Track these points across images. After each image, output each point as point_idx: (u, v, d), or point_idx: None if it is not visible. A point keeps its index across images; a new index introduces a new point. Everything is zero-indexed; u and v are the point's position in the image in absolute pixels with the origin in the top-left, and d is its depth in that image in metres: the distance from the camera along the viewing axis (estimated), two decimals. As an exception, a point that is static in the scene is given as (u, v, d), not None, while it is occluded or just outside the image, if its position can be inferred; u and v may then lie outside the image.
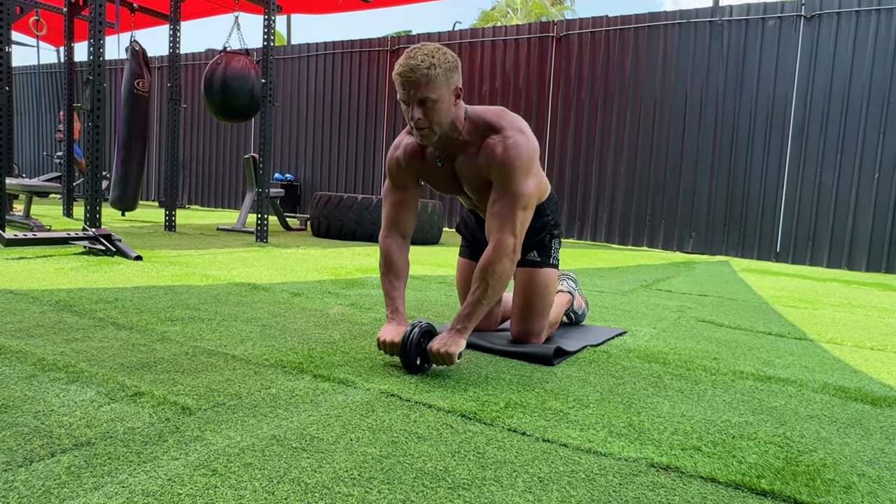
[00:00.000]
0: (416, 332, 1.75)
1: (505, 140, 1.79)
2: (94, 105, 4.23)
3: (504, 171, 1.79)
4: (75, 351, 1.80)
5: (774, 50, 6.64)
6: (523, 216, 1.80)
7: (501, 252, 1.77)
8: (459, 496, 1.07)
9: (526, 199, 1.80)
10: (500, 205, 1.79)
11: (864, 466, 1.29)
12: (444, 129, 1.80)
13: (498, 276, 1.77)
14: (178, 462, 1.14)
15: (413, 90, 1.71)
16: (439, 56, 1.72)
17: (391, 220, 2.00)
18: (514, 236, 1.78)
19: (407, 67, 1.69)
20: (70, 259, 3.65)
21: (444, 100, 1.74)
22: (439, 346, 1.72)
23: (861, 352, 2.41)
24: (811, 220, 6.52)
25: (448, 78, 1.74)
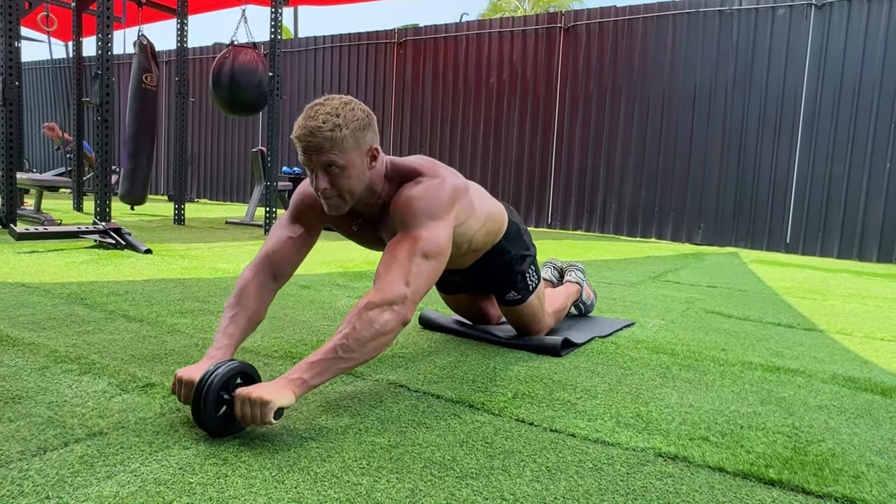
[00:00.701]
0: (223, 373, 1.22)
1: (414, 185, 1.51)
2: (102, 99, 4.25)
3: (404, 213, 1.47)
4: (87, 343, 1.82)
5: (784, 39, 6.57)
6: (424, 266, 1.41)
7: (385, 298, 1.34)
8: (467, 485, 1.08)
9: (429, 247, 1.42)
10: (396, 247, 1.43)
11: (874, 456, 1.29)
12: (358, 196, 1.49)
13: (371, 327, 1.31)
14: (189, 451, 1.15)
15: (315, 155, 1.40)
16: (346, 114, 1.40)
17: (271, 253, 1.56)
18: (407, 285, 1.36)
19: (306, 130, 1.39)
20: (81, 253, 3.68)
21: (355, 165, 1.43)
22: (251, 391, 1.20)
23: (871, 342, 2.40)
24: (821, 211, 6.47)
25: (358, 139, 1.42)
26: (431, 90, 8.87)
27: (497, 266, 1.91)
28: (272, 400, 1.18)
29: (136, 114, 5.95)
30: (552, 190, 8.03)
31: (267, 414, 1.18)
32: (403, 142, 9.20)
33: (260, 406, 1.18)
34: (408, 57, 9.10)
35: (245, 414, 1.20)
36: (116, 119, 10.96)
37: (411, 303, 1.37)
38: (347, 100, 1.44)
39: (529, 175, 8.15)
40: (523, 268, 1.94)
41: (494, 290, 1.99)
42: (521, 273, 1.93)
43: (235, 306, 1.47)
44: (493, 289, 1.99)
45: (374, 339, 1.31)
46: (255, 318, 1.50)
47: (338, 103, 1.41)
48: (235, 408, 1.21)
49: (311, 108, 1.41)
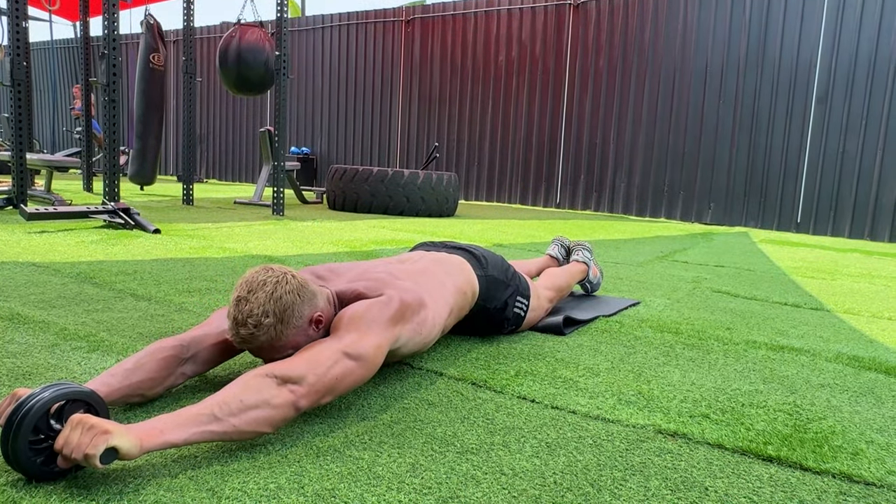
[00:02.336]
0: (51, 395, 0.95)
1: (348, 308, 1.35)
2: (109, 79, 4.25)
3: (336, 328, 1.31)
4: (96, 321, 1.85)
5: (799, 14, 6.46)
6: (342, 366, 1.19)
7: (285, 374, 1.12)
8: (467, 460, 1.09)
9: (354, 349, 1.23)
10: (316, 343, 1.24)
11: (874, 434, 1.29)
12: None
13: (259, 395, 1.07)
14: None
15: (260, 355, 1.29)
16: (275, 308, 1.24)
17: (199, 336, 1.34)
18: (315, 374, 1.14)
19: (239, 339, 1.25)
20: (90, 232, 3.72)
21: (301, 342, 1.30)
22: (88, 418, 0.93)
23: (878, 322, 2.39)
24: (833, 190, 6.40)
25: (296, 323, 1.27)
26: (440, 68, 8.81)
27: (482, 321, 1.83)
28: (112, 432, 0.91)
29: (143, 94, 5.95)
30: (561, 169, 7.99)
31: (97, 444, 0.89)
32: (412, 120, 9.17)
33: (93, 434, 0.91)
34: (416, 35, 9.03)
35: (69, 440, 0.91)
36: (124, 99, 10.97)
37: (311, 391, 1.13)
38: (273, 286, 1.25)
39: (538, 154, 8.11)
40: (507, 312, 1.85)
41: (488, 334, 1.91)
42: (506, 318, 1.85)
43: (134, 362, 1.24)
44: (485, 333, 1.91)
45: (257, 408, 1.06)
46: (146, 388, 1.24)
47: (263, 298, 1.24)
48: (60, 435, 0.93)
49: (237, 307, 1.24)
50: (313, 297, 1.33)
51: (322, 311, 1.34)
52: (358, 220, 5.48)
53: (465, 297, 1.69)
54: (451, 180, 6.44)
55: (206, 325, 1.39)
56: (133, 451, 0.93)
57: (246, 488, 0.97)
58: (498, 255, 1.94)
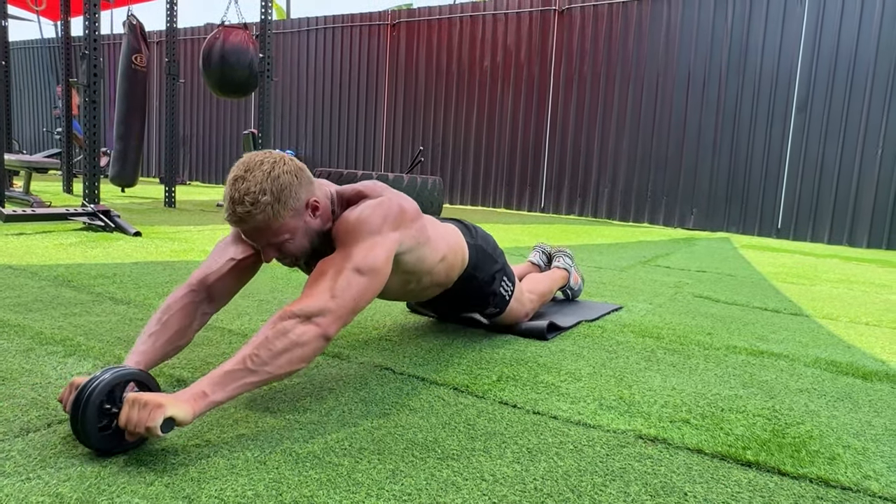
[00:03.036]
0: (110, 378, 1.06)
1: (354, 207, 1.41)
2: (90, 80, 4.21)
3: (342, 233, 1.36)
4: (73, 325, 1.82)
5: (779, 22, 6.55)
6: (355, 280, 1.28)
7: (304, 309, 1.20)
8: (448, 466, 1.09)
9: (363, 262, 1.30)
10: (327, 262, 1.31)
11: (850, 438, 1.30)
12: (311, 248, 1.40)
13: (286, 338, 1.16)
14: (173, 432, 1.16)
15: (255, 236, 1.31)
16: (272, 187, 1.26)
17: (207, 275, 1.40)
18: (332, 298, 1.23)
19: (236, 217, 1.26)
20: (69, 235, 3.67)
21: (298, 228, 1.33)
22: (142, 395, 1.04)
23: (856, 327, 2.42)
24: (813, 196, 6.49)
25: (293, 205, 1.30)
26: (425, 72, 8.82)
27: (469, 292, 1.83)
28: (165, 405, 1.02)
29: (125, 95, 5.89)
30: (545, 174, 8.02)
31: (154, 418, 1.00)
32: (397, 123, 9.16)
33: (150, 410, 1.01)
34: (401, 39, 9.03)
35: (131, 418, 1.02)
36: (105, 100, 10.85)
37: (335, 318, 1.22)
38: (270, 165, 1.28)
39: (523, 159, 8.14)
40: (494, 287, 1.86)
41: (471, 310, 1.94)
42: (493, 293, 1.86)
43: (157, 323, 1.30)
44: (469, 309, 1.93)
45: (288, 352, 1.15)
46: (178, 340, 1.32)
47: (261, 176, 1.26)
48: (121, 413, 1.03)
49: (233, 186, 1.26)
50: (310, 183, 1.36)
51: (319, 199, 1.37)
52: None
53: (456, 257, 1.72)
54: (436, 184, 6.44)
55: (208, 262, 1.43)
56: (187, 417, 1.04)
57: (223, 495, 0.95)
58: (487, 233, 1.96)
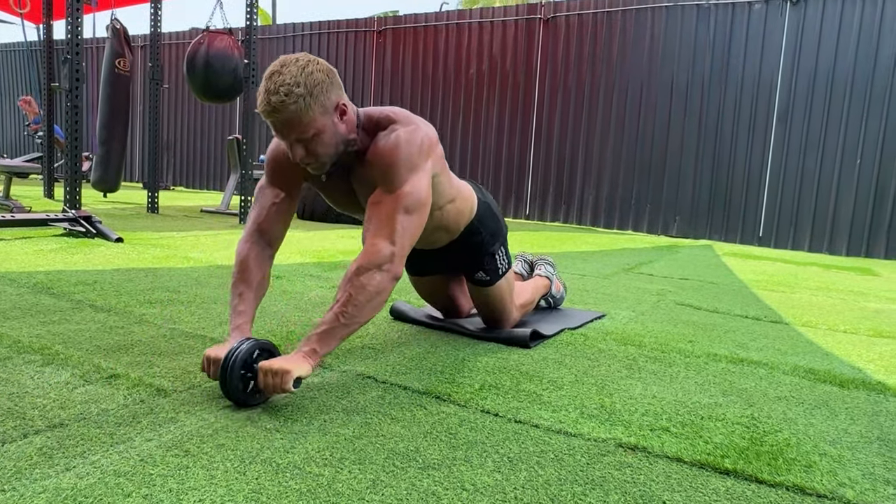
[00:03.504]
0: (246, 348, 1.34)
1: (390, 133, 1.53)
2: (72, 84, 4.17)
3: (384, 165, 1.51)
4: (52, 333, 1.80)
5: (760, 34, 6.64)
6: (408, 222, 1.47)
7: (374, 261, 1.41)
8: (429, 475, 1.09)
9: (411, 201, 1.48)
10: (379, 205, 1.49)
11: (827, 446, 1.32)
12: (336, 154, 1.52)
13: (365, 291, 1.39)
14: (151, 443, 1.15)
15: (286, 130, 1.42)
16: (305, 80, 1.38)
17: (259, 222, 1.62)
18: (393, 244, 1.44)
19: (270, 107, 1.38)
20: (50, 241, 3.62)
21: (326, 128, 1.44)
22: (272, 363, 1.32)
23: (834, 335, 2.45)
24: (794, 205, 6.57)
25: (324, 103, 1.42)
26: (411, 79, 8.83)
27: (468, 246, 1.92)
28: (292, 370, 1.30)
29: (108, 99, 5.84)
30: (530, 181, 8.06)
31: (287, 382, 1.29)
32: (382, 131, 9.15)
33: (281, 376, 1.29)
34: (387, 45, 9.04)
35: (267, 384, 1.31)
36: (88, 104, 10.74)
37: (399, 259, 1.45)
38: (305, 62, 1.41)
39: (508, 166, 8.17)
40: (493, 248, 1.94)
41: (464, 270, 1.99)
42: (490, 254, 1.94)
43: (241, 283, 1.55)
44: (463, 268, 1.99)
45: (371, 301, 1.40)
46: (261, 289, 1.58)
47: (296, 70, 1.38)
48: (259, 379, 1.32)
49: (269, 80, 1.38)
50: (340, 87, 1.49)
51: (347, 104, 1.51)
52: (326, 229, 5.44)
53: (465, 203, 1.84)
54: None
55: (255, 212, 1.64)
56: (308, 372, 1.35)
57: (201, 507, 0.95)
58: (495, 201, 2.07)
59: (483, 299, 2.02)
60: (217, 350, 1.39)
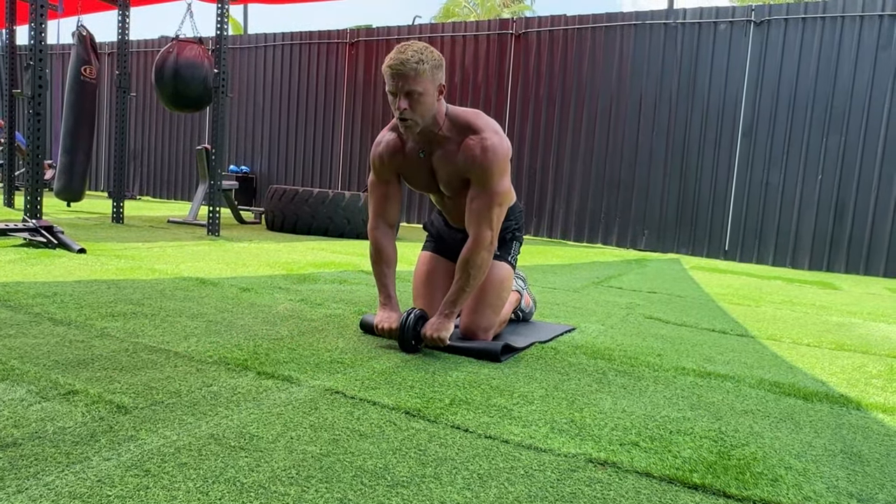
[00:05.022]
0: (412, 318, 1.97)
1: (483, 141, 1.93)
2: (34, 91, 4.07)
3: (483, 171, 1.93)
4: (7, 347, 1.73)
5: (725, 53, 6.81)
6: (499, 212, 1.98)
7: (481, 245, 1.95)
8: (398, 493, 1.07)
9: (501, 197, 1.97)
10: (479, 202, 1.95)
11: (792, 459, 1.34)
12: (427, 122, 1.93)
13: (478, 266, 1.96)
14: (110, 463, 1.11)
15: (402, 82, 1.83)
16: (427, 53, 1.85)
17: (378, 212, 2.14)
18: (492, 230, 1.96)
19: (398, 61, 1.82)
20: (8, 251, 3.51)
21: (429, 94, 1.87)
22: (432, 332, 1.92)
23: (798, 348, 2.50)
24: (758, 219, 6.72)
25: (434, 74, 1.87)
26: (383, 91, 8.81)
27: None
28: (444, 336, 1.94)
29: (73, 107, 5.72)
30: (502, 194, 8.09)
31: (445, 342, 1.95)
32: (354, 142, 9.13)
33: (440, 341, 1.94)
34: (360, 57, 9.04)
35: (431, 340, 1.95)
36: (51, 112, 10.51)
37: (495, 238, 2.00)
38: (427, 44, 1.90)
39: (479, 179, 8.20)
40: (513, 235, 2.29)
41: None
42: (509, 240, 2.27)
43: (380, 262, 2.13)
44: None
45: (482, 273, 2.00)
46: (394, 262, 2.15)
47: (422, 45, 1.88)
48: (426, 341, 1.97)
49: (401, 46, 1.86)
50: (444, 75, 1.94)
51: (444, 90, 1.95)
52: (296, 241, 5.38)
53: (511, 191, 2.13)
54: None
55: (374, 205, 2.16)
56: (451, 328, 1.99)
57: (161, 529, 0.91)
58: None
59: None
60: (387, 321, 2.03)
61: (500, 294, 2.14)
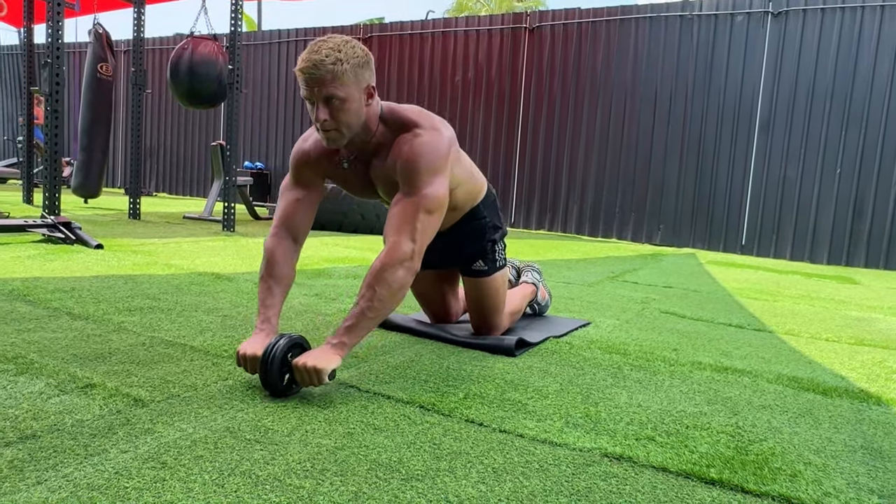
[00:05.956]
0: (283, 345, 1.45)
1: (413, 137, 1.62)
2: (52, 89, 4.11)
3: (407, 169, 1.59)
4: (26, 342, 1.75)
5: (742, 45, 6.72)
6: (427, 221, 1.57)
7: (396, 258, 1.52)
8: (412, 487, 1.07)
9: (431, 203, 1.58)
10: (401, 206, 1.58)
11: (811, 455, 1.32)
12: (355, 130, 1.59)
13: (389, 286, 1.50)
14: (127, 455, 1.12)
15: (317, 88, 1.50)
16: (347, 50, 1.51)
17: (284, 218, 1.73)
18: (413, 241, 1.54)
19: (310, 63, 1.48)
20: (27, 247, 3.56)
21: (354, 99, 1.54)
22: (306, 360, 1.42)
23: (817, 343, 2.47)
24: (775, 214, 6.64)
25: (357, 75, 1.53)
26: (396, 87, 8.83)
27: (471, 231, 1.97)
28: (323, 368, 1.41)
29: (90, 104, 5.77)
30: (515, 189, 8.07)
31: (322, 378, 1.42)
32: (368, 138, 9.13)
33: (317, 373, 1.41)
34: (373, 52, 9.03)
35: (304, 379, 1.43)
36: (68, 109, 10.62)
37: (418, 255, 1.56)
38: (348, 38, 1.55)
39: (493, 174, 8.18)
40: (495, 237, 2.02)
41: (463, 259, 2.01)
42: (491, 242, 2.01)
43: (268, 278, 1.66)
44: (462, 256, 2.01)
45: (394, 296, 1.53)
46: (287, 282, 1.69)
47: (339, 41, 1.52)
48: (295, 375, 1.44)
49: (314, 44, 1.51)
50: (373, 73, 1.59)
51: (375, 92, 1.60)
52: (310, 237, 5.41)
53: (475, 185, 1.93)
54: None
55: (280, 209, 1.74)
56: (338, 364, 1.46)
57: (178, 521, 0.92)
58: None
59: (477, 294, 2.03)
60: (252, 347, 1.50)
61: (499, 300, 2.06)
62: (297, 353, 1.48)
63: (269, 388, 1.45)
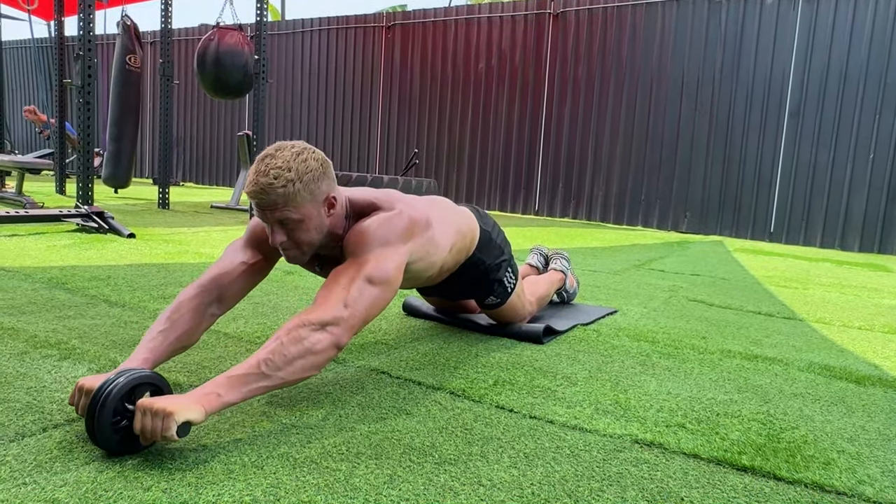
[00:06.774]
0: (125, 382, 1.08)
1: (367, 218, 1.44)
2: (84, 81, 4.19)
3: (355, 243, 1.40)
4: (67, 328, 1.81)
5: (772, 28, 6.59)
6: (368, 292, 1.31)
7: (320, 318, 1.23)
8: (445, 471, 1.09)
9: (376, 271, 1.34)
10: (341, 271, 1.35)
11: (845, 443, 1.31)
12: (318, 244, 1.43)
13: (300, 345, 1.19)
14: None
15: (269, 212, 1.33)
16: (298, 167, 1.32)
17: (218, 277, 1.43)
18: (346, 307, 1.27)
19: (258, 187, 1.30)
20: (62, 236, 3.65)
21: (311, 217, 1.36)
22: (154, 401, 1.06)
23: (849, 331, 2.43)
24: (805, 200, 6.53)
25: (313, 192, 1.34)
26: (420, 75, 8.82)
27: (473, 278, 1.87)
28: (175, 412, 1.03)
29: (119, 96, 5.86)
30: (539, 177, 8.04)
31: (169, 427, 1.03)
32: (391, 127, 9.16)
33: (162, 418, 1.03)
34: (396, 41, 9.03)
35: (145, 426, 1.05)
36: (99, 101, 10.80)
37: (348, 327, 1.26)
38: (300, 149, 1.35)
39: (517, 162, 8.15)
40: (500, 275, 1.90)
41: (473, 297, 1.96)
42: (497, 281, 1.90)
43: (166, 321, 1.33)
44: (471, 296, 1.96)
45: (302, 358, 1.19)
46: (186, 340, 1.35)
47: (289, 155, 1.32)
48: (135, 420, 1.06)
49: (261, 162, 1.32)
50: (332, 180, 1.41)
51: (337, 198, 1.42)
52: (336, 225, 5.44)
53: (465, 240, 1.76)
54: (431, 186, 6.45)
55: (220, 263, 1.46)
56: (199, 418, 1.07)
57: (220, 500, 0.95)
58: (496, 222, 2.00)
59: (497, 316, 2.01)
60: (91, 380, 1.16)
61: (522, 310, 2.03)
62: (145, 392, 1.12)
63: (95, 435, 1.05)
